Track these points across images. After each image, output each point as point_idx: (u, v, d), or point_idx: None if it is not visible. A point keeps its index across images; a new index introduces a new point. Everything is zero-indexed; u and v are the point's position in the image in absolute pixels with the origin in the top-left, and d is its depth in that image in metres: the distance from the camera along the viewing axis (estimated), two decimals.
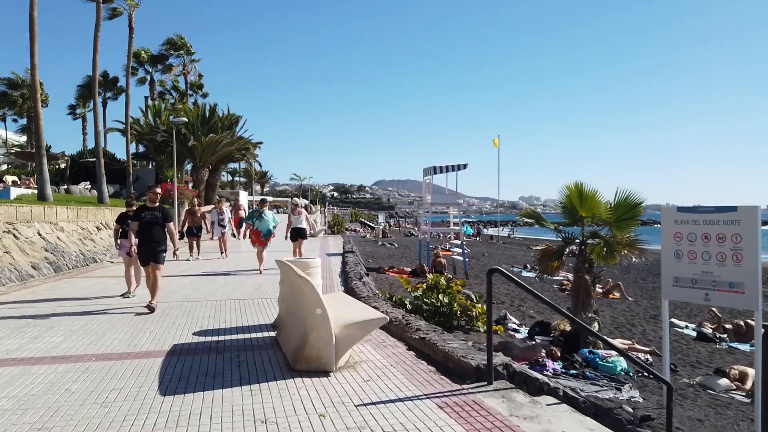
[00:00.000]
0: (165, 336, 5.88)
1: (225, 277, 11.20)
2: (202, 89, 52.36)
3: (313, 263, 6.25)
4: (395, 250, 25.22)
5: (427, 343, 4.85)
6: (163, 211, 7.95)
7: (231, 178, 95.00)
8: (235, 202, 23.61)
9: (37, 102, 16.68)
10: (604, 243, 7.10)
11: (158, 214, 7.79)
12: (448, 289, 8.71)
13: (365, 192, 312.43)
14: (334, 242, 22.47)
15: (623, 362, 7.10)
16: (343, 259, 14.76)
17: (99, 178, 21.25)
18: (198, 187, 32.21)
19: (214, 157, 32.19)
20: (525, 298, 14.63)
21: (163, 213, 7.89)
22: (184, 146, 31.26)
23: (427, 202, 17.36)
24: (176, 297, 8.57)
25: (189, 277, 11.14)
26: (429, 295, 8.49)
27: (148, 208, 7.78)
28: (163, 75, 45.26)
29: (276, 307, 7.35)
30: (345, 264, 12.83)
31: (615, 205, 7.10)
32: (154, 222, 7.68)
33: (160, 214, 7.82)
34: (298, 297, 4.83)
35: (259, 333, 6.05)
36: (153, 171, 34.48)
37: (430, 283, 8.79)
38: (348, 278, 10.33)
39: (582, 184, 7.21)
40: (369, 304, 7.06)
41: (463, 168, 16.94)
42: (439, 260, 16.27)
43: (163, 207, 8.08)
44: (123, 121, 32.74)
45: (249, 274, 11.51)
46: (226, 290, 9.33)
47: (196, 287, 9.65)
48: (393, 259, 20.90)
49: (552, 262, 7.55)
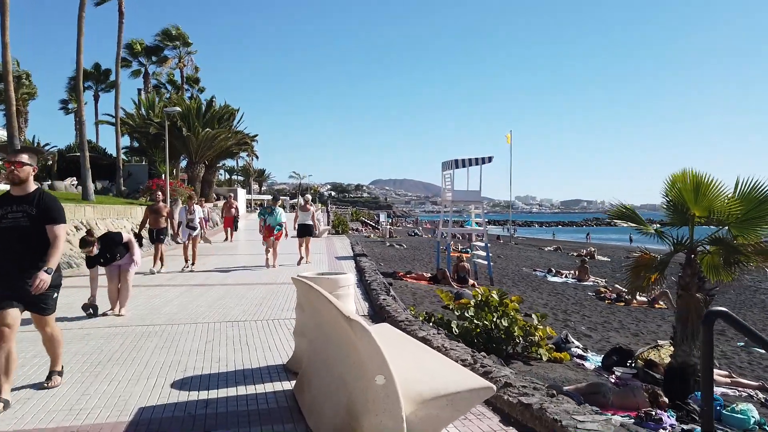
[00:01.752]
0: (130, 390, 4.02)
1: (221, 288, 9.36)
2: (199, 84, 50.36)
3: (344, 280, 4.44)
4: (405, 251, 23.38)
5: (544, 421, 3.00)
6: (42, 201, 3.84)
7: (229, 177, 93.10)
8: (227, 200, 21.23)
9: (9, 85, 14.79)
10: (727, 250, 5.26)
11: (30, 209, 3.77)
12: (501, 307, 6.89)
13: (362, 191, 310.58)
14: (340, 243, 20.61)
15: (754, 411, 5.29)
16: (356, 264, 12.92)
17: (83, 173, 19.35)
18: (193, 183, 30.32)
19: (210, 152, 30.30)
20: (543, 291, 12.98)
21: (41, 206, 3.81)
22: (179, 140, 29.35)
23: (446, 199, 15.53)
24: (158, 318, 6.72)
25: (178, 288, 9.29)
26: (481, 315, 6.67)
27: (10, 198, 3.82)
28: (158, 67, 43.25)
29: (289, 337, 5.51)
30: (361, 271, 10.99)
31: (742, 197, 5.27)
32: (17, 226, 3.73)
33: (35, 209, 3.78)
34: (334, 341, 3.01)
35: (268, 383, 4.21)
36: (146, 166, 32.53)
37: (480, 299, 6.96)
38: (370, 290, 8.49)
39: (697, 172, 5.37)
40: (414, 333, 5.23)
41: (488, 161, 15.12)
42: (463, 265, 14.44)
43: (44, 193, 3.94)
44: (114, 114, 30.94)
45: (250, 286, 9.66)
46: (222, 308, 7.47)
47: (184, 303, 7.80)
48: (404, 261, 19.07)
49: (649, 274, 5.72)
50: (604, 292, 14.71)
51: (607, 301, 13.88)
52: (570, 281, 17.88)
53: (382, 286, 8.52)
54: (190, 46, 42.77)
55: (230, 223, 20.19)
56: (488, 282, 15.14)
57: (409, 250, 24.45)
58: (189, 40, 42.47)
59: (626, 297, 13.79)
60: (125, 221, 17.34)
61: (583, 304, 13.17)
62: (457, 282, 14.02)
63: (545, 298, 14.13)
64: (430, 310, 9.75)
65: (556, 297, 14.20)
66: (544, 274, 19.06)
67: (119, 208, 17.35)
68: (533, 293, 14.55)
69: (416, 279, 13.92)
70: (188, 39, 42.48)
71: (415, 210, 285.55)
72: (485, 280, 15.44)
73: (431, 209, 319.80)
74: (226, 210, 20.70)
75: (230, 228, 20.02)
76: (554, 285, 16.65)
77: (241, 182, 78.79)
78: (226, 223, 20.42)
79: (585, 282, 17.77)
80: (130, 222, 17.62)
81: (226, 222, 20.46)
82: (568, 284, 17.28)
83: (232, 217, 20.39)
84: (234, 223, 20.55)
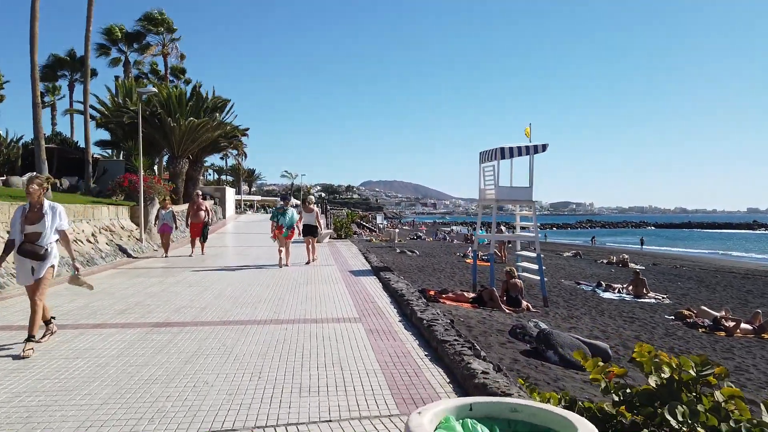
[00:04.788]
0: None
1: (189, 331, 6.12)
2: (185, 75, 46.83)
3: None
4: (420, 259, 20.21)
5: None
6: None
7: (218, 177, 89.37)
8: (192, 200, 15.50)
9: None
10: None
11: None
12: (697, 384, 3.73)
13: (353, 192, 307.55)
14: (347, 250, 17.41)
15: None
16: (382, 282, 9.74)
17: (38, 166, 15.99)
18: (175, 180, 26.90)
19: (195, 145, 26.89)
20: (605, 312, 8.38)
21: None
22: (159, 131, 25.97)
23: (488, 198, 12.39)
24: None
25: (131, 331, 6.05)
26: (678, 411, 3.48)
27: None
28: (140, 55, 39.72)
29: None
30: (398, 297, 7.78)
31: None
32: None
33: None
34: None
35: None
36: (123, 162, 29.01)
37: (666, 377, 3.78)
38: (431, 335, 5.28)
39: None
40: None
41: (541, 150, 12.02)
42: (515, 282, 11.28)
43: None
44: (89, 102, 27.45)
45: (233, 326, 6.44)
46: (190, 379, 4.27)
47: (133, 356, 4.58)
48: (425, 273, 15.90)
49: None
50: (689, 316, 11.63)
51: (701, 329, 10.81)
52: (627, 297, 14.82)
53: (453, 335, 5.31)
54: (174, 32, 39.34)
55: (197, 231, 14.76)
56: (541, 303, 12.04)
57: (423, 257, 21.29)
58: (173, 26, 39.04)
59: (726, 324, 10.74)
60: (85, 223, 14.01)
61: (678, 335, 10.06)
62: (507, 304, 10.90)
63: (618, 322, 11.04)
64: (504, 356, 6.63)
65: (631, 323, 11.10)
66: (592, 287, 15.97)
67: (79, 208, 14.00)
68: (600, 317, 11.45)
69: (455, 301, 10.76)
70: (173, 25, 39.05)
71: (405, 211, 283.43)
72: (531, 297, 12.33)
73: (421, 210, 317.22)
74: (192, 213, 14.83)
75: (198, 237, 14.83)
76: (615, 304, 13.56)
77: (230, 182, 75.10)
78: (192, 232, 14.90)
79: (644, 299, 14.73)
80: (91, 224, 14.29)
81: (192, 230, 14.88)
82: (627, 302, 14.22)
83: (201, 223, 14.69)
84: (203, 230, 14.80)
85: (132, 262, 13.36)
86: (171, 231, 14.76)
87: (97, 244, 13.76)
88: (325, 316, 6.83)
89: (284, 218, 12.22)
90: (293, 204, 13.98)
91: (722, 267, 28.58)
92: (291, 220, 12.26)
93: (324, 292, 8.75)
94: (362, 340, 5.65)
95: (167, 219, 14.58)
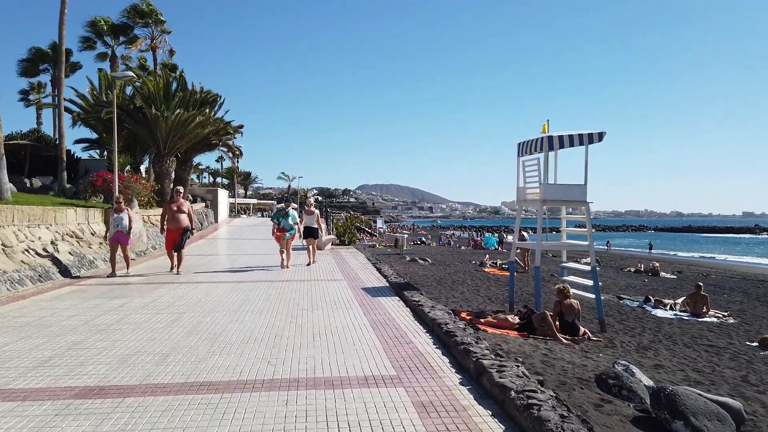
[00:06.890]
0: None
1: None
2: (176, 71, 44.47)
3: None
4: (434, 269, 17.89)
5: None
6: None
7: (213, 180, 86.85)
8: (173, 196, 12.13)
9: None
10: None
11: None
12: None
13: (350, 196, 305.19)
14: (353, 259, 15.10)
15: None
16: (409, 307, 7.45)
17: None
18: (161, 181, 24.55)
19: (183, 141, 24.52)
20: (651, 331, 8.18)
21: None
22: (143, 126, 23.61)
23: (531, 198, 10.12)
24: None
25: (32, 409, 3.75)
26: None
27: None
28: (127, 49, 37.32)
29: None
30: (444, 335, 5.48)
31: None
32: None
33: None
34: None
35: None
36: (104, 161, 26.62)
37: None
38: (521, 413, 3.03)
39: None
40: None
41: (597, 140, 9.78)
42: (570, 303, 8.96)
43: None
44: (71, 98, 25.15)
45: (202, 397, 4.14)
46: None
47: None
48: (444, 286, 13.58)
49: None
50: None
51: None
52: (684, 316, 12.58)
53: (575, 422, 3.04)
54: (163, 24, 36.97)
55: (173, 240, 11.42)
56: (596, 327, 9.77)
57: (437, 266, 18.97)
58: (162, 18, 36.69)
59: None
60: (44, 229, 11.69)
61: None
62: (561, 331, 8.61)
63: (703, 355, 8.76)
64: (612, 428, 4.36)
65: (718, 354, 8.84)
66: (640, 304, 13.69)
67: (36, 210, 11.65)
68: (675, 347, 9.18)
69: (498, 327, 8.47)
70: (161, 16, 36.70)
71: (402, 215, 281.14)
72: (596, 325, 10.02)
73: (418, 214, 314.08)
74: (169, 216, 11.49)
75: (172, 249, 11.51)
76: (677, 326, 11.30)
77: (225, 185, 72.52)
78: (167, 241, 11.59)
79: (704, 318, 12.49)
80: (51, 230, 11.94)
81: (167, 238, 11.54)
82: (687, 321, 11.98)
83: (180, 229, 11.39)
84: (181, 239, 11.41)
85: (100, 275, 11.06)
86: (128, 242, 11.22)
87: (57, 253, 11.42)
88: (344, 374, 4.54)
89: (286, 220, 12.49)
90: (294, 206, 13.90)
91: (754, 275, 26.37)
92: (288, 221, 12.49)
93: (337, 325, 6.45)
94: (414, 427, 3.37)
95: (120, 226, 11.06)
